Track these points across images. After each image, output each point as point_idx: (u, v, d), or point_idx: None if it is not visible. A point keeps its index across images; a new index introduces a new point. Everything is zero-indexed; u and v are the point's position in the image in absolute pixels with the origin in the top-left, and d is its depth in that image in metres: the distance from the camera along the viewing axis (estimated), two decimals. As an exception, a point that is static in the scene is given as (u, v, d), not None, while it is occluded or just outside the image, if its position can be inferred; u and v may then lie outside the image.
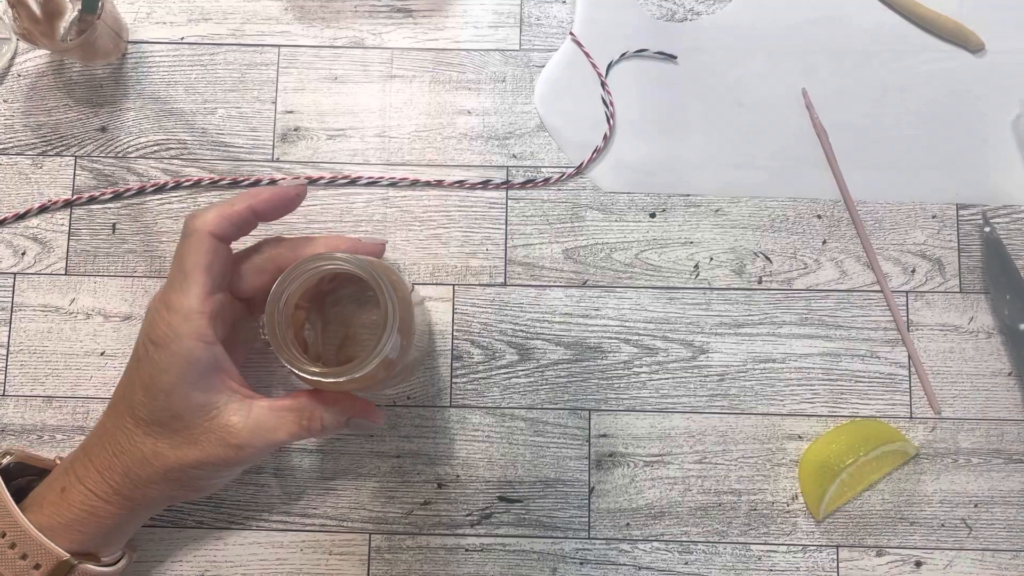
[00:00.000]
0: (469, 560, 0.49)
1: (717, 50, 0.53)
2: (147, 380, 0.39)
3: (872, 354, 0.50)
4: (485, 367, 0.50)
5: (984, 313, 0.51)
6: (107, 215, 0.52)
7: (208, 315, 0.39)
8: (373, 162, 0.52)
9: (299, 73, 0.53)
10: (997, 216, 0.51)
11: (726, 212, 0.52)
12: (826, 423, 0.50)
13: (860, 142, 0.52)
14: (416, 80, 0.53)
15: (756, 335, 0.50)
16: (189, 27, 0.54)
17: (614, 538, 0.49)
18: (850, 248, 0.51)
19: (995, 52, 0.53)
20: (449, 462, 0.49)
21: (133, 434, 0.40)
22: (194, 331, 0.39)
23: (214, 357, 0.40)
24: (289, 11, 0.54)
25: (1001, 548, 0.49)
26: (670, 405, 0.50)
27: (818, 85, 0.53)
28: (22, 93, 0.53)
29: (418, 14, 0.54)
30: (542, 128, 0.53)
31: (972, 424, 0.50)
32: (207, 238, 0.40)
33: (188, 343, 0.39)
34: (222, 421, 0.39)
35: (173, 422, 0.39)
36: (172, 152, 0.52)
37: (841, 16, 0.53)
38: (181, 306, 0.39)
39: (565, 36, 0.54)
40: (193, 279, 0.39)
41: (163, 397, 0.39)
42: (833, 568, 0.48)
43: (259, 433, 0.40)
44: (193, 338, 0.39)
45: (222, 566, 0.48)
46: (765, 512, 0.49)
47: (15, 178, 0.52)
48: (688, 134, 0.53)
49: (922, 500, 0.49)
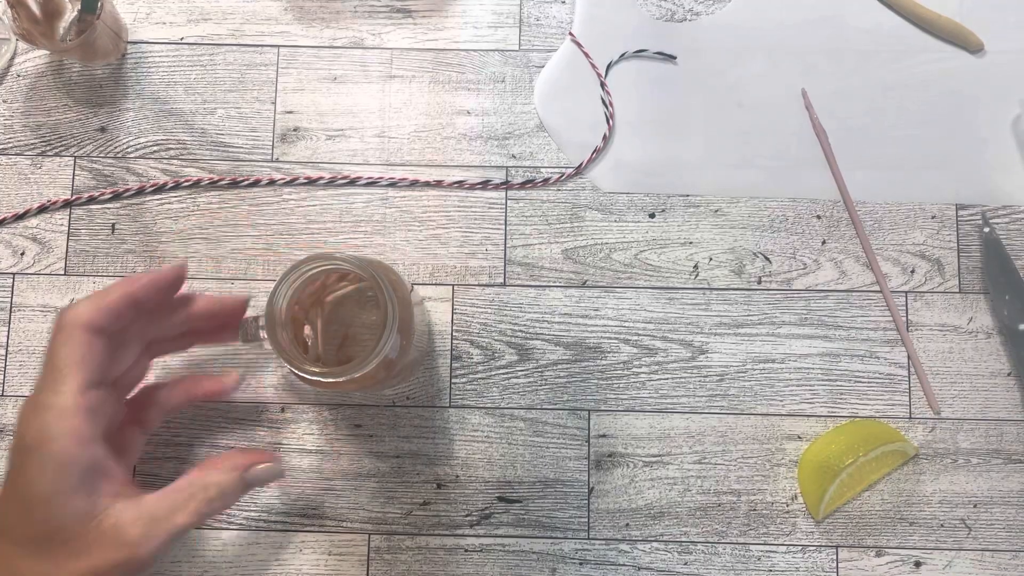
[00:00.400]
0: (468, 560, 0.49)
1: (717, 50, 0.53)
2: (21, 492, 0.36)
3: (871, 354, 0.50)
4: (484, 367, 0.50)
5: (983, 313, 0.51)
6: (106, 215, 0.52)
7: (84, 411, 0.36)
8: (372, 162, 0.52)
9: (298, 73, 0.53)
10: (997, 216, 0.51)
11: (726, 212, 0.52)
12: (825, 423, 0.50)
13: (860, 142, 0.52)
14: (415, 80, 0.53)
15: (755, 335, 0.50)
16: (189, 27, 0.54)
17: (613, 538, 0.49)
18: (849, 248, 0.51)
19: (995, 52, 0.53)
20: (448, 462, 0.49)
21: (12, 560, 0.36)
22: (68, 430, 0.35)
23: (93, 457, 0.36)
24: (289, 11, 0.54)
25: (1000, 548, 0.49)
26: (669, 405, 0.50)
27: (818, 85, 0.53)
28: (21, 93, 0.53)
29: (418, 14, 0.54)
30: (541, 128, 0.53)
31: (971, 424, 0.50)
32: (79, 331, 0.37)
33: (62, 443, 0.35)
34: (110, 522, 0.36)
35: (56, 535, 0.35)
36: (171, 152, 0.52)
37: (841, 16, 0.53)
38: (53, 404, 0.36)
39: (564, 36, 0.54)
40: (65, 374, 0.36)
41: (41, 508, 0.35)
42: (833, 568, 0.48)
43: (154, 524, 0.36)
44: (68, 438, 0.35)
45: (221, 567, 0.48)
46: (765, 512, 0.49)
47: (14, 178, 0.52)
48: (688, 134, 0.53)
49: (921, 500, 0.49)
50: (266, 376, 0.50)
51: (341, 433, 0.50)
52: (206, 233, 0.52)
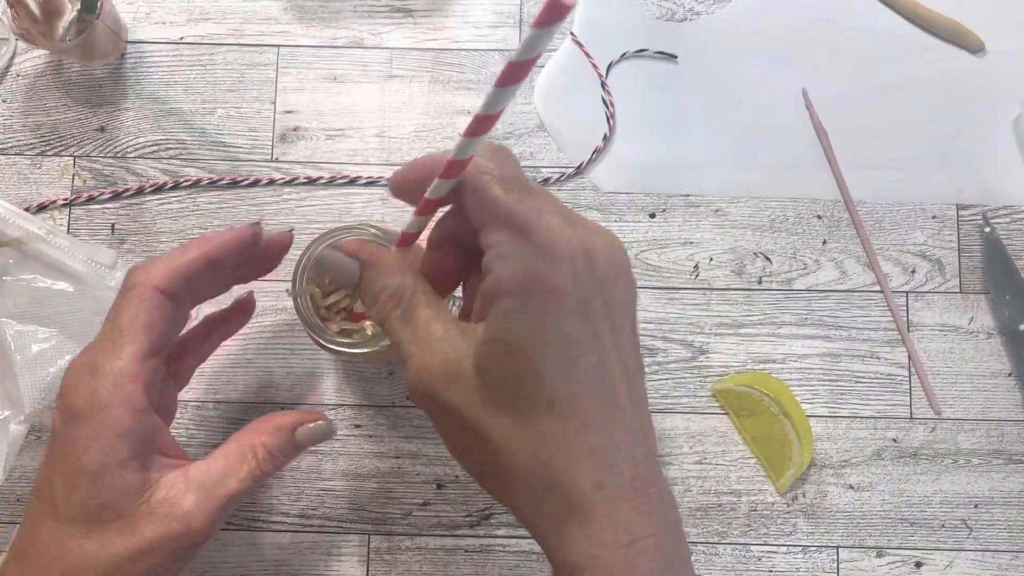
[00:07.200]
0: (468, 561, 0.48)
1: (717, 50, 0.53)
2: (67, 464, 0.32)
3: (872, 354, 0.50)
4: (485, 367, 0.50)
5: (984, 313, 0.50)
6: (106, 215, 0.52)
7: (142, 379, 0.33)
8: (372, 162, 0.52)
9: (298, 73, 0.53)
10: (997, 216, 0.51)
11: (726, 212, 0.52)
12: (826, 423, 0.50)
13: (860, 142, 0.52)
14: (415, 80, 0.53)
15: (756, 335, 0.50)
16: (188, 27, 0.54)
17: (614, 539, 0.49)
18: (850, 248, 0.51)
19: (995, 52, 0.53)
20: (448, 463, 0.49)
21: (55, 541, 0.32)
22: (124, 398, 0.32)
23: (148, 427, 0.33)
24: (288, 11, 0.54)
25: (1001, 549, 0.49)
26: (670, 405, 0.50)
27: (819, 85, 0.53)
28: (21, 93, 0.53)
29: (417, 14, 0.54)
30: (542, 128, 0.53)
31: (972, 425, 0.50)
32: (150, 293, 0.34)
33: (117, 412, 0.32)
34: (161, 495, 0.33)
35: (104, 511, 0.32)
36: (171, 152, 0.52)
37: (841, 16, 0.53)
38: (111, 369, 0.33)
39: (565, 36, 0.53)
40: (129, 338, 0.33)
41: (86, 483, 0.32)
42: (833, 569, 0.48)
43: (207, 493, 0.33)
44: (123, 406, 0.32)
45: (221, 567, 0.48)
46: (765, 513, 0.49)
47: (14, 178, 0.52)
48: (688, 134, 0.53)
49: (922, 500, 0.49)
50: (267, 376, 0.50)
51: (341, 433, 0.50)
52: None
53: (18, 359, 0.48)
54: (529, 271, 0.27)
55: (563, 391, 0.27)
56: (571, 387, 0.27)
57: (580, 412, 0.27)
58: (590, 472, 0.27)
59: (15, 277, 0.49)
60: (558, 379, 0.27)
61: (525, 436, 0.27)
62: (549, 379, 0.27)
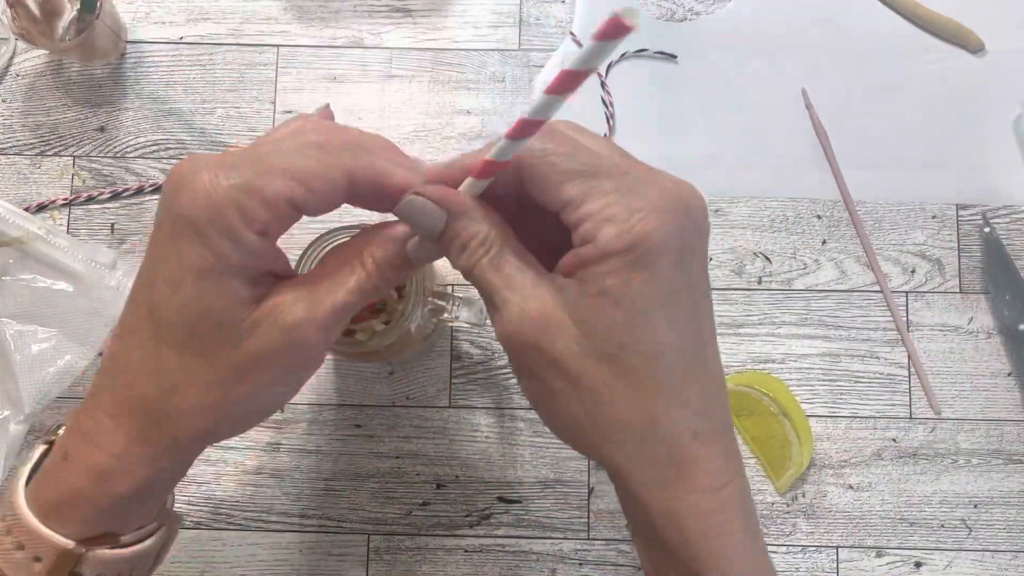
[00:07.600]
0: (468, 561, 0.48)
1: (717, 50, 0.53)
2: (173, 267, 0.28)
3: (872, 354, 0.50)
4: (484, 367, 0.50)
5: (984, 313, 0.50)
6: (105, 215, 0.52)
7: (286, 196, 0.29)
8: (372, 162, 0.52)
9: (298, 73, 0.53)
10: (997, 216, 0.51)
11: (726, 212, 0.52)
12: (825, 423, 0.50)
13: (860, 142, 0.52)
14: (415, 80, 0.53)
15: (756, 335, 0.50)
16: (188, 27, 0.53)
17: (613, 539, 0.49)
18: (850, 248, 0.51)
19: (995, 52, 0.53)
20: (448, 463, 0.49)
21: (152, 351, 0.29)
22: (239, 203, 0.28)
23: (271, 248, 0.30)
24: (288, 11, 0.54)
25: (1001, 549, 0.49)
26: (670, 405, 0.50)
27: (818, 85, 0.53)
28: (20, 93, 0.53)
29: (417, 14, 0.54)
30: (541, 128, 0.53)
31: (972, 424, 0.50)
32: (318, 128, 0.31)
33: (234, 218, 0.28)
34: (268, 305, 0.29)
35: (204, 320, 0.29)
36: (171, 152, 0.52)
37: (841, 16, 0.53)
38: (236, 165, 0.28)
39: (564, 36, 0.53)
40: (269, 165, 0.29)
41: (192, 285, 0.28)
42: (833, 568, 0.48)
43: (315, 300, 0.29)
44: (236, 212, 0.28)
45: (220, 567, 0.48)
46: (765, 513, 0.49)
47: (13, 178, 0.52)
48: (688, 134, 0.52)
49: (922, 501, 0.49)
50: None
51: (341, 433, 0.50)
52: (205, 233, 0.51)
53: (18, 359, 0.48)
54: (637, 229, 0.27)
55: (668, 342, 0.28)
56: (674, 338, 0.28)
57: (681, 362, 0.28)
58: (689, 421, 0.28)
59: (15, 277, 0.49)
60: (663, 331, 0.27)
61: (629, 387, 0.28)
62: (657, 331, 0.27)
